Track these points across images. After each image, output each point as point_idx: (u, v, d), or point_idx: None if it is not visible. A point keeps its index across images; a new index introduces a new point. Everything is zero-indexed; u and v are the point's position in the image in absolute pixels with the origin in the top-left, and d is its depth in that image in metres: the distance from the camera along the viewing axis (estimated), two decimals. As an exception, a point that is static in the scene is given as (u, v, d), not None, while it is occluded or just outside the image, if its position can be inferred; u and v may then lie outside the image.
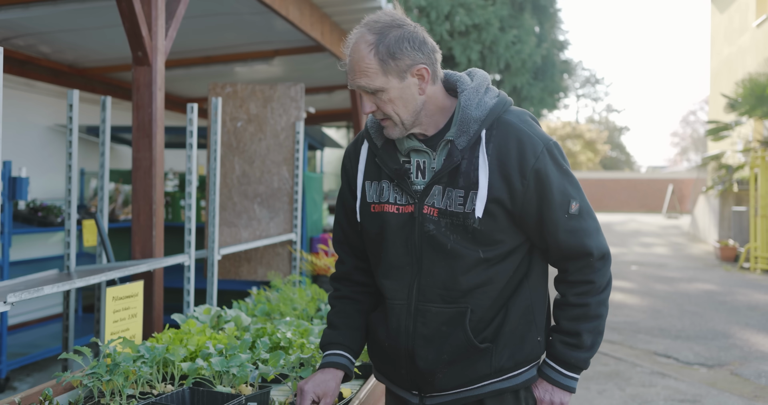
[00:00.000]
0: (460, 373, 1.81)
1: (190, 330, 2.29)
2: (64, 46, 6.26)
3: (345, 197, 1.98)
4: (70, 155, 3.10)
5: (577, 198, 1.79)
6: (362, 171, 1.89)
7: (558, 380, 1.84)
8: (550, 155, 1.77)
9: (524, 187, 1.74)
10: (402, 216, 1.81)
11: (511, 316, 1.81)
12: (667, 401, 5.30)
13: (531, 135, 1.77)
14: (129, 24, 3.07)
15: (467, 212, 1.74)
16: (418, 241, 1.79)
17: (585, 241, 1.79)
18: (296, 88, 4.57)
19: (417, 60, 1.73)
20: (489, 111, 1.77)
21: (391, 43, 1.71)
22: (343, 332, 1.95)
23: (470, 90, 1.80)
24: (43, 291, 2.09)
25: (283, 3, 4.75)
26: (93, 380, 1.90)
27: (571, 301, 1.82)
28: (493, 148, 1.75)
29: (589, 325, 1.82)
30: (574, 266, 1.81)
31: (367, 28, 1.74)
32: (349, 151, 1.98)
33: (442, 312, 1.79)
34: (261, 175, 4.60)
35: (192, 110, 3.25)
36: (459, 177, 1.76)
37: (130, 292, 2.36)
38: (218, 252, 3.47)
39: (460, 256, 1.76)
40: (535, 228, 1.79)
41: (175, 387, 2.07)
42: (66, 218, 3.08)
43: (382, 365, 1.95)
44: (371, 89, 1.73)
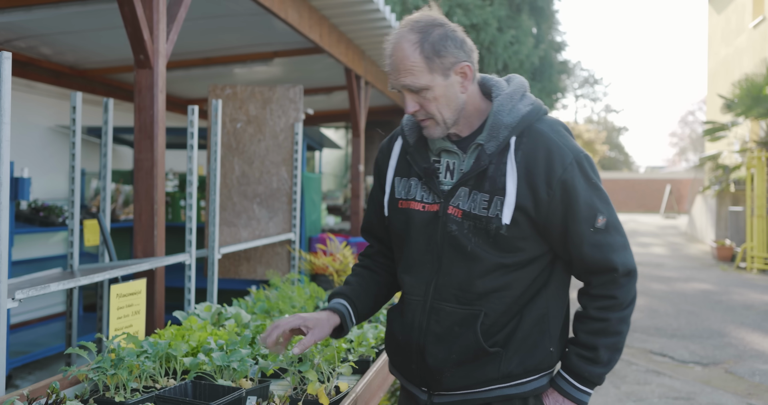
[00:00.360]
0: (468, 374, 1.80)
1: (191, 326, 2.36)
2: (65, 47, 6.32)
3: (375, 191, 2.00)
4: (73, 156, 3.16)
5: (604, 212, 1.76)
6: (393, 167, 1.91)
7: (569, 392, 1.82)
8: (579, 167, 1.75)
9: (549, 197, 1.73)
10: (427, 214, 1.82)
11: (525, 323, 1.79)
12: (661, 399, 5.36)
13: (561, 145, 1.75)
14: (131, 28, 3.13)
15: (490, 216, 1.74)
16: (440, 240, 1.80)
17: (610, 256, 1.76)
18: (295, 90, 4.64)
19: (460, 58, 1.74)
20: (521, 118, 1.76)
21: (436, 41, 1.71)
22: (352, 288, 1.99)
23: (505, 96, 1.80)
24: (49, 288, 2.15)
25: (282, 6, 4.82)
26: (98, 374, 1.97)
27: (592, 315, 1.80)
28: (522, 156, 1.74)
29: (608, 340, 1.79)
30: (597, 280, 1.79)
31: (408, 28, 1.75)
32: (383, 146, 2.00)
33: (455, 312, 1.79)
34: (260, 176, 4.67)
35: (192, 112, 3.31)
36: (485, 181, 1.76)
37: (134, 289, 2.42)
38: (218, 251, 3.53)
39: (479, 259, 1.76)
40: (559, 239, 1.78)
41: (177, 381, 2.13)
42: (69, 218, 3.14)
43: (395, 359, 1.96)
44: (416, 87, 1.73)
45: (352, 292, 1.97)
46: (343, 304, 1.94)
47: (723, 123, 15.30)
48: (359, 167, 7.90)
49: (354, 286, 1.99)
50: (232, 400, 1.81)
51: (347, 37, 6.78)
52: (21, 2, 4.66)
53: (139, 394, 2.01)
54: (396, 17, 7.29)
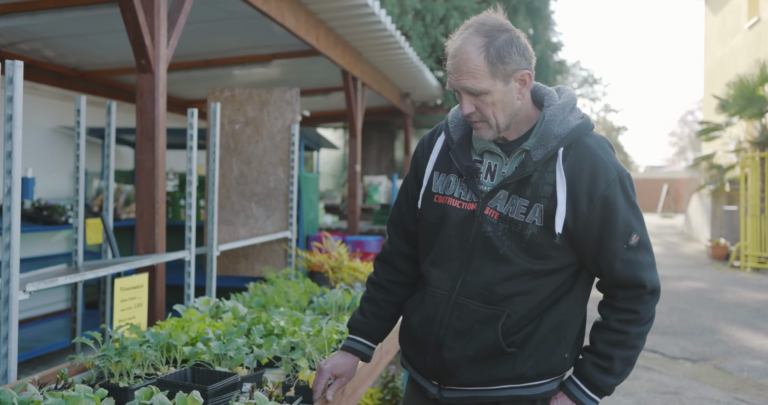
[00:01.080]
0: (482, 371, 1.83)
1: (191, 318, 2.49)
2: (68, 50, 6.46)
3: (410, 182, 2.02)
4: (77, 157, 3.29)
5: (638, 231, 1.80)
6: (434, 161, 1.93)
7: (579, 399, 1.85)
8: (621, 185, 1.78)
9: (590, 211, 1.75)
10: (463, 212, 1.84)
11: (543, 328, 1.82)
12: (649, 393, 5.49)
13: (606, 162, 1.78)
14: (133, 34, 3.26)
15: (527, 222, 1.77)
16: (473, 239, 1.82)
17: (640, 274, 1.79)
18: (291, 93, 4.77)
19: (522, 65, 1.75)
20: (571, 130, 1.79)
21: (501, 47, 1.72)
22: (368, 321, 2.03)
23: (557, 106, 1.82)
24: (57, 281, 2.29)
25: (279, 10, 4.95)
26: (104, 361, 2.10)
27: (612, 326, 1.83)
28: (567, 167, 1.76)
29: (624, 352, 1.82)
30: (623, 294, 1.82)
31: (474, 30, 1.75)
32: (424, 140, 2.02)
33: (478, 310, 1.81)
34: (258, 176, 4.80)
35: (192, 115, 3.45)
36: (527, 187, 1.78)
37: (137, 283, 2.56)
38: (217, 248, 3.67)
39: (510, 262, 1.78)
40: (592, 253, 1.80)
41: (177, 369, 2.27)
42: (74, 216, 3.27)
43: (409, 351, 1.99)
44: (477, 91, 1.74)
45: (368, 327, 2.04)
46: (361, 342, 2.04)
47: (718, 123, 15.43)
48: (356, 167, 8.03)
49: (368, 318, 2.05)
50: (229, 384, 1.94)
51: (344, 40, 6.92)
52: (26, 7, 4.80)
53: (141, 380, 2.14)
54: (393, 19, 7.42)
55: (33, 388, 1.79)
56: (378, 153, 13.51)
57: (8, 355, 2.04)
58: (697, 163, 17.26)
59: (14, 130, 2.01)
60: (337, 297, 3.08)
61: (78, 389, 1.74)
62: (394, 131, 13.77)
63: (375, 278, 2.09)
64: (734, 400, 5.33)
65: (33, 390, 1.77)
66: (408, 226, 2.03)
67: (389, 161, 13.63)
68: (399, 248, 2.05)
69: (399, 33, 7.28)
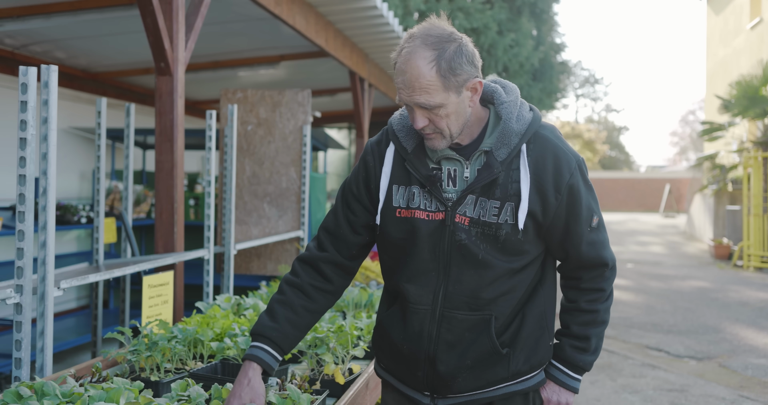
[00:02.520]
0: (479, 376, 1.83)
1: (215, 315, 2.56)
2: (78, 52, 6.53)
3: (356, 192, 1.92)
4: (98, 158, 3.36)
5: (597, 213, 1.86)
6: (388, 174, 1.86)
7: (565, 381, 1.91)
8: (580, 172, 1.82)
9: (557, 202, 1.78)
10: (432, 223, 1.80)
11: (528, 322, 1.84)
12: (656, 390, 5.55)
13: (566, 151, 1.80)
14: (153, 38, 3.33)
15: (500, 223, 1.76)
16: (447, 248, 1.79)
17: (602, 253, 1.86)
18: (303, 94, 4.84)
19: (472, 73, 1.72)
20: (528, 125, 1.79)
21: (451, 58, 1.68)
22: (280, 327, 1.86)
23: (509, 103, 1.81)
24: (88, 279, 2.36)
25: (290, 12, 5.02)
26: (135, 356, 2.17)
27: (582, 307, 1.88)
28: (531, 162, 1.77)
29: (597, 329, 1.89)
30: (587, 275, 1.88)
31: (421, 42, 1.69)
32: (372, 149, 1.93)
33: (467, 319, 1.80)
34: (270, 176, 4.87)
35: (211, 117, 3.51)
36: (496, 188, 1.76)
37: (163, 280, 2.62)
38: (234, 247, 3.74)
39: (490, 266, 1.78)
40: (559, 239, 1.84)
41: (204, 364, 2.33)
42: (95, 216, 3.34)
43: (393, 365, 1.94)
44: (431, 106, 1.70)
45: (278, 335, 1.85)
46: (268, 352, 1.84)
47: (720, 123, 15.49)
48: (363, 167, 8.09)
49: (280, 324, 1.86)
50: (259, 377, 2.01)
51: (351, 42, 6.99)
52: (41, 10, 4.87)
53: (171, 374, 2.21)
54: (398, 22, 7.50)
55: (72, 381, 1.86)
56: (382, 153, 13.56)
57: (44, 349, 2.11)
58: (700, 163, 17.31)
59: (50, 133, 2.08)
60: (353, 295, 3.15)
61: (116, 382, 1.81)
62: (397, 132, 13.82)
63: (295, 279, 1.92)
64: (740, 397, 5.39)
65: (72, 382, 1.84)
66: (344, 236, 1.92)
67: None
68: (329, 255, 1.93)
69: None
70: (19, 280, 2.02)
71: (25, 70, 2.01)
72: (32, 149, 2.03)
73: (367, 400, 2.23)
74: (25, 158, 2.01)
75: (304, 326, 1.90)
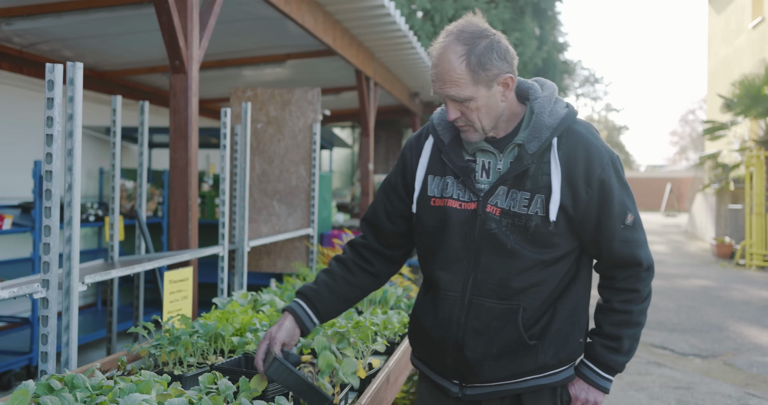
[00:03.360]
0: (506, 366, 1.86)
1: (234, 311, 2.59)
2: (86, 50, 6.55)
3: (394, 184, 2.03)
4: (113, 156, 3.39)
5: (632, 210, 1.87)
6: (425, 165, 1.95)
7: (594, 380, 1.91)
8: (613, 167, 1.84)
9: (588, 196, 1.81)
10: (464, 212, 1.86)
11: (558, 316, 1.87)
12: (662, 388, 5.58)
13: (598, 146, 1.84)
14: (168, 36, 3.35)
15: (529, 214, 1.80)
16: (477, 237, 1.85)
17: (636, 252, 1.86)
18: (313, 92, 4.86)
19: (503, 69, 1.78)
20: (561, 120, 1.84)
21: (481, 53, 1.75)
22: (317, 289, 2.01)
23: (543, 98, 1.86)
24: (111, 274, 2.38)
25: (299, 11, 5.04)
26: (158, 350, 2.20)
27: (616, 307, 1.89)
28: (562, 156, 1.81)
29: (630, 331, 1.89)
30: (621, 274, 1.88)
31: (454, 38, 1.78)
32: (411, 143, 2.04)
33: (495, 307, 1.84)
34: (280, 174, 4.90)
35: (225, 114, 3.54)
36: (526, 180, 1.81)
37: (183, 276, 2.65)
38: (247, 244, 3.76)
39: (519, 256, 1.82)
40: (592, 235, 1.86)
41: (225, 358, 2.36)
42: (110, 214, 3.37)
43: (424, 353, 1.99)
44: (461, 98, 1.78)
45: (316, 296, 2.00)
46: (303, 309, 1.99)
47: (722, 122, 15.52)
48: (369, 166, 8.13)
49: (320, 289, 2.02)
50: (284, 371, 2.03)
51: (358, 40, 7.01)
52: (52, 8, 4.90)
53: (194, 368, 2.24)
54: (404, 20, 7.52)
55: (99, 374, 1.88)
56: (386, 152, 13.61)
57: (69, 343, 2.14)
58: (702, 162, 17.34)
59: (74, 129, 2.10)
60: (368, 291, 3.16)
61: (144, 375, 1.83)
62: (401, 130, 13.87)
63: (340, 256, 2.10)
64: (745, 395, 5.41)
65: (100, 376, 1.87)
66: (382, 226, 2.04)
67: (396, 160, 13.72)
68: (369, 243, 2.07)
69: (412, 33, 7.37)
70: (45, 274, 2.04)
71: (51, 67, 2.04)
72: (58, 145, 2.05)
73: (389, 394, 2.26)
74: (51, 154, 2.04)
75: (341, 295, 2.03)
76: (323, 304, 2.00)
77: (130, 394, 1.66)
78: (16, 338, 5.66)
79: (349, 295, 2.04)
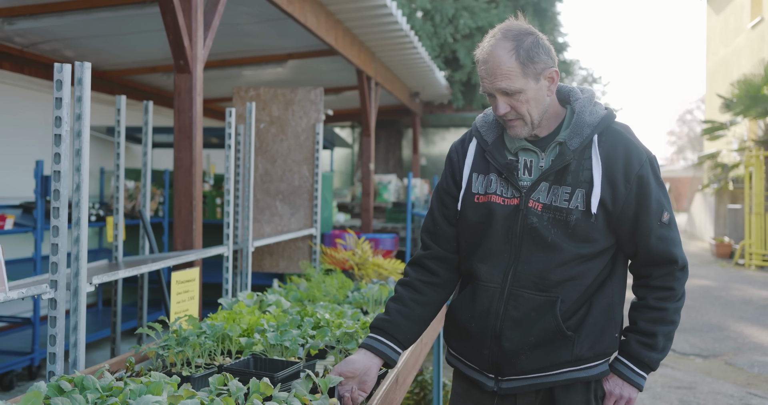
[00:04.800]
0: (543, 357, 1.91)
1: (241, 311, 2.58)
2: (87, 50, 6.54)
3: (446, 187, 2.09)
4: (117, 156, 3.38)
5: (668, 209, 1.92)
6: (470, 164, 2.03)
7: (629, 376, 1.95)
8: (651, 166, 1.91)
9: (627, 191, 1.87)
10: (507, 208, 1.93)
11: (594, 310, 1.91)
12: (664, 388, 5.59)
13: (637, 145, 1.91)
14: (173, 36, 3.34)
15: (570, 208, 1.87)
16: (519, 231, 1.91)
17: (672, 250, 1.91)
18: (316, 92, 4.86)
19: (549, 64, 1.88)
20: (601, 119, 1.92)
21: (529, 48, 1.84)
22: (391, 319, 2.00)
23: (584, 99, 1.96)
24: (118, 275, 2.38)
25: (302, 11, 5.03)
26: (166, 351, 2.19)
27: (651, 304, 1.93)
28: (603, 152, 1.89)
29: (664, 328, 1.93)
30: (657, 272, 1.93)
31: (502, 35, 1.87)
32: (456, 147, 2.11)
33: (533, 298, 1.90)
34: (283, 174, 4.89)
35: (230, 114, 3.53)
36: (567, 175, 1.89)
37: (190, 276, 2.64)
38: (252, 244, 3.75)
39: (559, 249, 1.88)
40: (629, 231, 1.91)
41: (232, 359, 2.35)
42: (114, 214, 3.36)
43: (461, 347, 2.04)
44: (512, 91, 1.85)
45: (390, 326, 1.99)
46: (379, 340, 1.97)
47: (722, 122, 15.54)
48: (370, 165, 8.12)
49: (393, 317, 2.00)
50: (294, 372, 2.03)
51: (359, 40, 7.00)
52: (54, 8, 4.89)
53: (202, 369, 2.23)
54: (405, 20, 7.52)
55: (109, 375, 1.87)
56: (386, 152, 13.59)
57: (77, 344, 2.13)
58: (701, 162, 17.36)
59: (83, 129, 2.10)
60: (373, 291, 3.16)
61: (154, 376, 1.82)
62: (401, 130, 13.86)
63: (404, 279, 2.11)
64: (747, 394, 5.42)
65: (109, 377, 1.86)
66: (442, 231, 2.08)
67: (397, 160, 13.71)
68: (433, 252, 2.09)
69: (413, 33, 7.37)
70: (53, 275, 2.04)
71: (60, 67, 2.03)
72: (66, 145, 2.04)
73: (398, 395, 2.25)
74: (60, 154, 2.03)
75: (416, 317, 2.03)
76: (402, 333, 2.00)
77: (141, 395, 1.65)
78: (18, 338, 5.65)
79: (423, 315, 2.05)
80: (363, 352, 1.95)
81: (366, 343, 1.98)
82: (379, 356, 1.95)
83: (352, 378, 1.90)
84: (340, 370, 1.90)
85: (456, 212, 2.05)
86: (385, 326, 1.99)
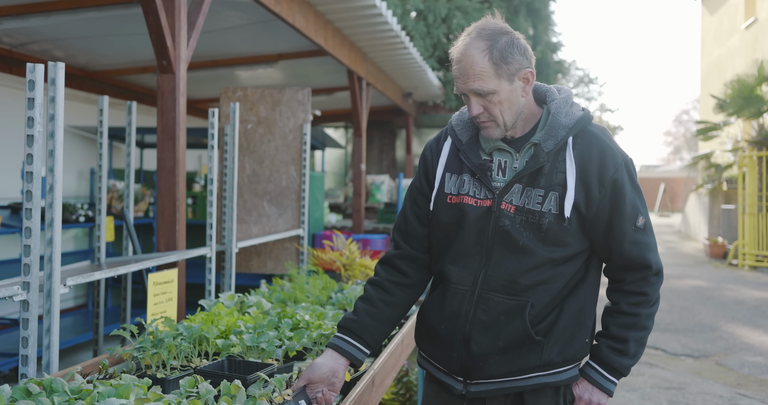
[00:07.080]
0: (511, 361, 1.88)
1: (219, 312, 2.56)
2: (77, 51, 6.52)
3: (419, 186, 2.06)
4: (100, 156, 3.36)
5: (644, 213, 1.89)
6: (443, 163, 1.99)
7: (599, 382, 1.92)
8: (626, 169, 1.87)
9: (601, 195, 1.84)
10: (479, 209, 1.89)
11: (565, 315, 1.88)
12: (653, 388, 5.58)
13: (612, 148, 1.88)
14: (155, 36, 3.32)
15: (543, 211, 1.83)
16: (491, 233, 1.88)
17: (646, 255, 1.87)
18: (303, 92, 4.84)
19: (524, 64, 1.83)
20: (577, 121, 1.88)
21: (503, 48, 1.80)
22: (359, 319, 1.98)
23: (560, 100, 1.92)
24: (93, 276, 2.36)
25: (290, 11, 5.02)
26: (141, 353, 2.18)
27: (624, 310, 1.90)
28: (577, 155, 1.85)
29: (637, 334, 1.90)
30: (631, 277, 1.90)
31: (476, 35, 1.83)
32: (431, 145, 2.07)
33: (503, 302, 1.87)
34: (270, 174, 4.88)
35: (213, 115, 3.51)
36: (541, 177, 1.85)
37: (168, 278, 2.63)
38: (236, 245, 3.74)
39: (530, 252, 1.84)
40: (603, 235, 1.88)
41: (209, 361, 2.34)
42: (97, 215, 3.34)
43: (431, 349, 2.02)
44: (485, 92, 1.82)
45: (357, 326, 1.97)
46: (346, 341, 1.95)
47: (715, 123, 15.55)
48: (361, 166, 8.11)
49: (360, 317, 1.99)
50: (267, 374, 2.01)
51: (350, 41, 6.99)
52: (41, 8, 4.86)
53: (177, 371, 2.22)
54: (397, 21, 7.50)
55: (79, 378, 1.86)
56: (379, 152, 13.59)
57: (50, 346, 2.11)
58: (695, 163, 17.37)
59: (56, 130, 2.08)
60: (356, 292, 3.15)
61: (125, 378, 1.81)
62: (395, 131, 13.85)
63: (374, 278, 2.08)
64: (737, 395, 5.42)
65: (80, 379, 1.84)
66: (414, 230, 2.05)
67: (390, 160, 13.71)
68: (403, 252, 2.06)
69: (404, 33, 7.36)
70: (26, 277, 2.02)
71: (32, 67, 2.01)
72: (39, 146, 2.03)
73: (373, 397, 2.24)
74: (32, 155, 2.02)
75: (384, 318, 2.01)
76: (369, 334, 1.98)
77: (108, 398, 1.64)
78: (5, 340, 5.62)
79: (391, 316, 2.03)
80: (329, 353, 1.94)
81: (333, 342, 1.97)
82: (346, 356, 1.94)
83: (321, 382, 1.89)
84: (308, 376, 1.89)
85: (428, 212, 2.02)
86: (352, 326, 1.98)
